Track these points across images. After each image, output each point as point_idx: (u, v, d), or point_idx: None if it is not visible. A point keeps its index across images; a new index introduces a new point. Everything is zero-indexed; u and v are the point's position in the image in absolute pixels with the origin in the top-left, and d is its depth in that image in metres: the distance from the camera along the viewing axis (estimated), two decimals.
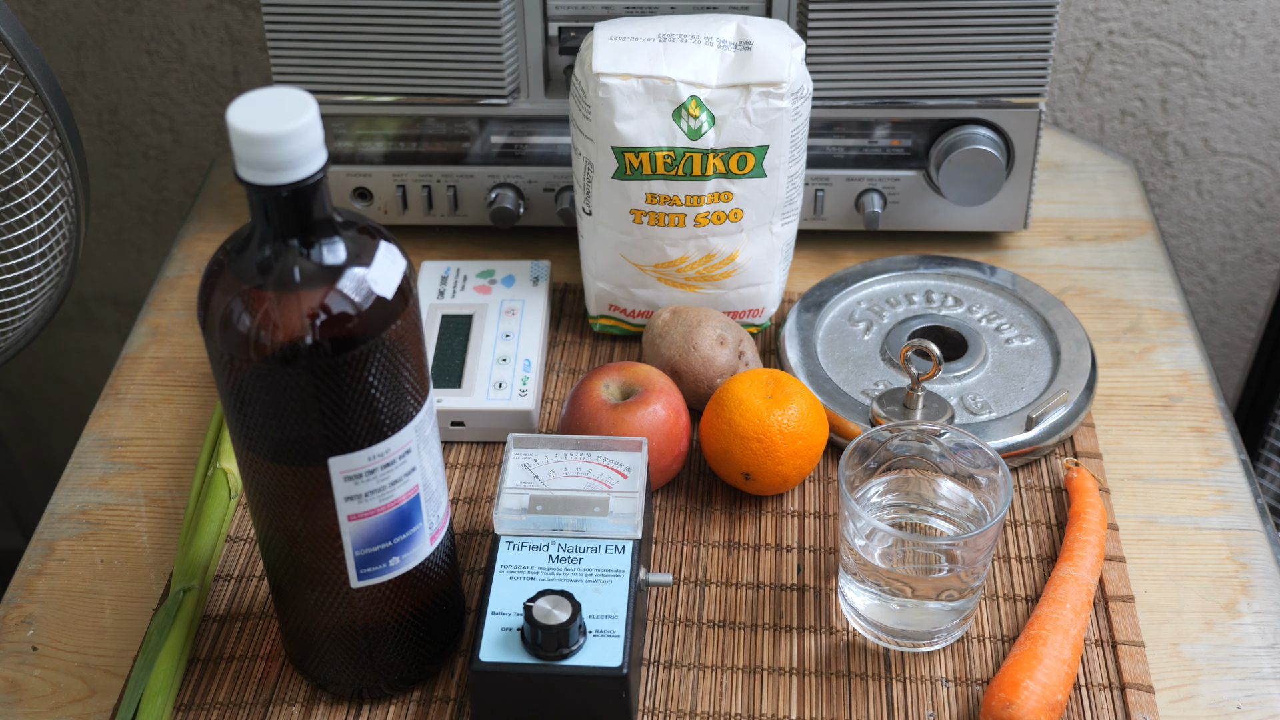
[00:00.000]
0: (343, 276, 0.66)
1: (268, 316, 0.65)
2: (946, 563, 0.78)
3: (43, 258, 0.99)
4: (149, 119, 1.40)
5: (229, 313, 0.65)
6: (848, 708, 0.78)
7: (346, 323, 0.65)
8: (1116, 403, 0.97)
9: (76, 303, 1.54)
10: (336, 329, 0.65)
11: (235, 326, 0.65)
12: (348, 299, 0.65)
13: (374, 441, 0.69)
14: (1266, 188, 1.36)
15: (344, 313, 0.65)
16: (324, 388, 0.66)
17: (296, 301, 0.65)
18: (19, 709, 0.80)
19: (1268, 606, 0.84)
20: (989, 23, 0.99)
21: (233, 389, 0.67)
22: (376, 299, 0.66)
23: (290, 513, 0.71)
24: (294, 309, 0.65)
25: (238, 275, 0.66)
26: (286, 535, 0.72)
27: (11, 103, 0.92)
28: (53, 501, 0.93)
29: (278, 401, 0.66)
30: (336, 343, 0.65)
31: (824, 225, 1.09)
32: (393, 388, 0.68)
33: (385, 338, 0.66)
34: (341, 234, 0.66)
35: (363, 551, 0.72)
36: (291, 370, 0.65)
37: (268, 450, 0.68)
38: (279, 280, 0.65)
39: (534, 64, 1.03)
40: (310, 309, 0.65)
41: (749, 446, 0.86)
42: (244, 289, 0.65)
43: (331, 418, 0.67)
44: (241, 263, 0.66)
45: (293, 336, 0.65)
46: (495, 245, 1.11)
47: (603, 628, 0.75)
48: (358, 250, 0.66)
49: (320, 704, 0.79)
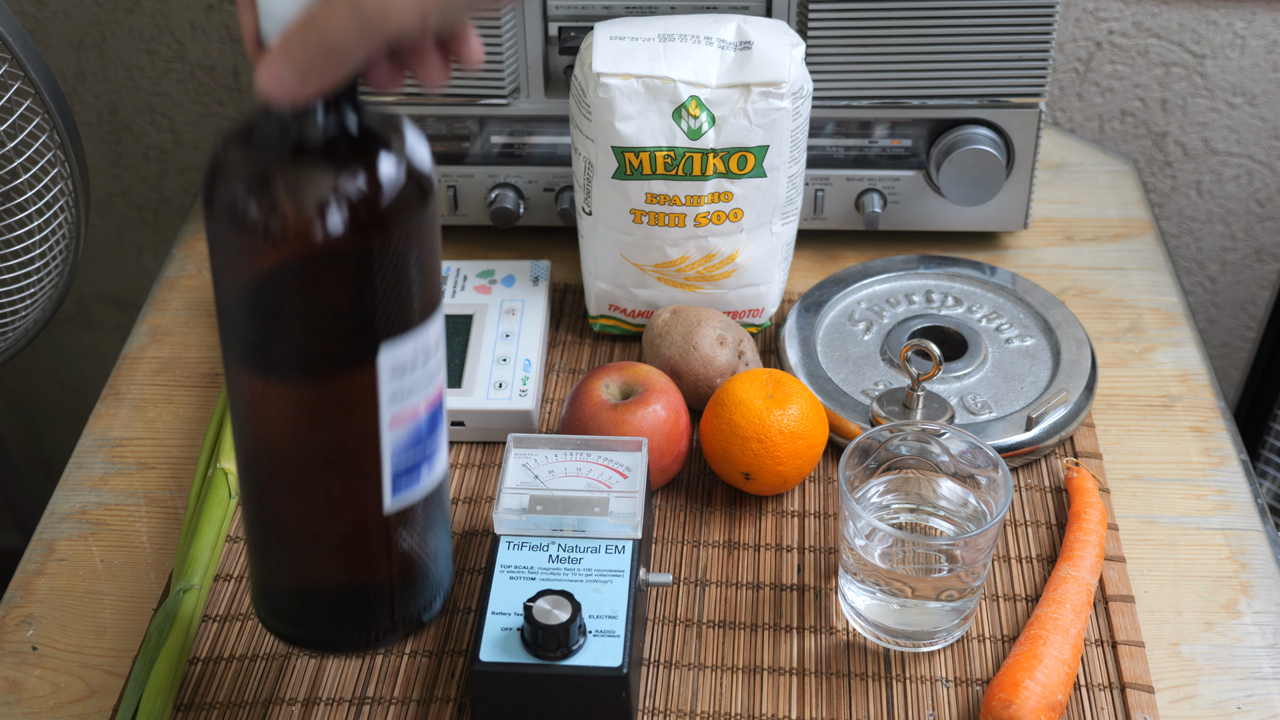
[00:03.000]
0: (393, 136, 0.60)
1: (325, 181, 0.58)
2: (946, 563, 0.78)
3: (43, 258, 0.99)
4: (149, 119, 1.40)
5: (266, 189, 0.58)
6: (848, 708, 0.78)
7: (405, 184, 0.60)
8: (1116, 403, 0.97)
9: (76, 303, 1.54)
10: (397, 192, 0.59)
11: (288, 200, 0.58)
12: (403, 157, 0.60)
13: (425, 319, 0.63)
14: (1266, 188, 1.36)
15: (400, 173, 0.60)
16: (383, 260, 0.59)
17: (356, 162, 0.59)
18: (19, 709, 0.80)
19: (1268, 606, 0.84)
20: (989, 23, 0.99)
21: (262, 293, 0.59)
22: (421, 162, 0.61)
23: (314, 435, 0.63)
24: (353, 171, 0.59)
25: (269, 148, 0.59)
26: (304, 465, 0.65)
27: (11, 103, 0.92)
28: (53, 501, 0.93)
29: (327, 288, 0.60)
30: (395, 208, 0.59)
31: (824, 225, 1.09)
32: (435, 259, 0.62)
33: (431, 204, 0.61)
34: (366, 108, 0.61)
35: (400, 464, 0.65)
36: (354, 241, 0.59)
37: (300, 361, 0.61)
38: (327, 145, 0.59)
39: (534, 64, 1.03)
40: (370, 168, 0.59)
41: (749, 446, 0.86)
42: (286, 159, 0.59)
43: (389, 293, 0.60)
44: (269, 135, 0.59)
45: (356, 201, 0.58)
46: (495, 245, 1.11)
47: (603, 628, 0.75)
48: (389, 121, 0.62)
49: (320, 704, 0.79)
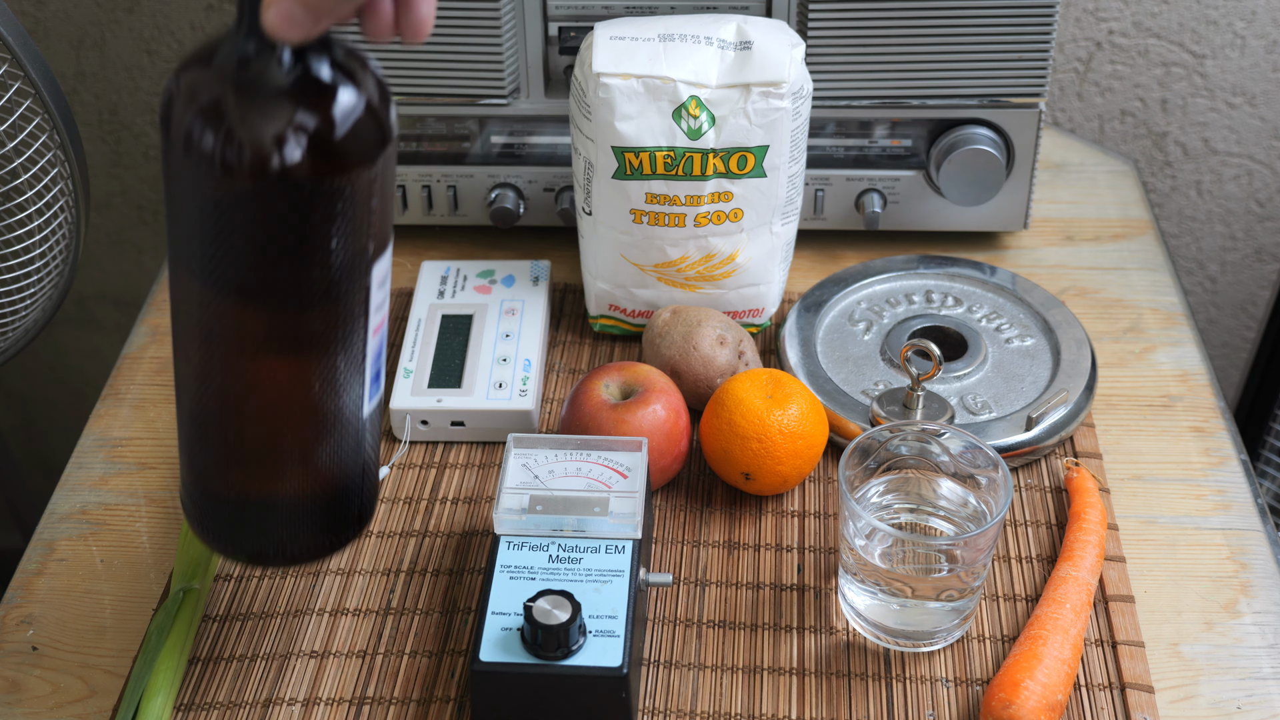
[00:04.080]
0: (369, 71, 0.62)
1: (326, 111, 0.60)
2: (946, 563, 0.78)
3: (43, 258, 0.99)
4: (149, 119, 1.40)
5: (275, 125, 0.59)
6: (848, 708, 0.78)
7: (386, 114, 0.62)
8: (1116, 403, 0.97)
9: (76, 303, 1.54)
10: (381, 119, 0.61)
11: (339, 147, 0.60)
12: (382, 89, 0.62)
13: (389, 242, 0.66)
14: (1266, 188, 1.36)
15: (384, 104, 0.62)
16: (382, 184, 0.62)
17: (353, 96, 0.60)
18: (19, 709, 0.80)
19: (1268, 606, 0.84)
20: (989, 23, 0.99)
21: (288, 226, 0.61)
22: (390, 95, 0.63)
23: (315, 358, 0.66)
24: (364, 116, 0.60)
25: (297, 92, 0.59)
26: (305, 387, 0.67)
27: (11, 103, 0.92)
28: (53, 501, 0.93)
29: (357, 213, 0.62)
30: (384, 132, 0.62)
31: (824, 225, 1.09)
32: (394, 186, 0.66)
33: (393, 143, 0.63)
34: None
35: (374, 371, 0.68)
36: (373, 165, 0.61)
37: (310, 289, 0.63)
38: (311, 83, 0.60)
39: (534, 64, 1.03)
40: (367, 95, 0.61)
41: (749, 446, 0.86)
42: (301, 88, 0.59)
43: (382, 220, 0.63)
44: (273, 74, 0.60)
45: (371, 139, 0.61)
46: (495, 245, 1.11)
47: (603, 628, 0.75)
48: (354, 57, 0.62)
49: (320, 704, 0.79)
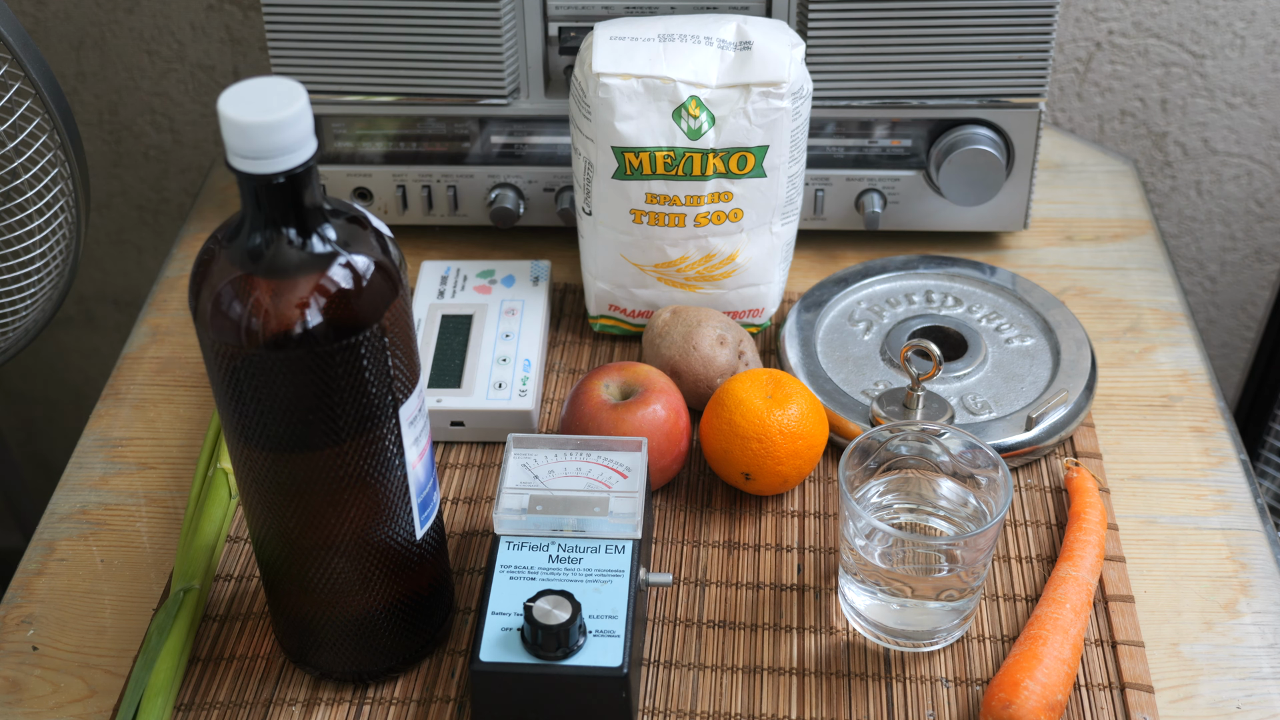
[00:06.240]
0: (370, 228, 0.69)
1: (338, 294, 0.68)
2: (946, 563, 0.78)
3: (43, 258, 0.99)
4: (149, 119, 1.40)
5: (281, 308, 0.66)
6: (848, 708, 0.78)
7: (394, 268, 0.70)
8: (1116, 403, 0.97)
9: (76, 303, 1.54)
10: (390, 272, 0.69)
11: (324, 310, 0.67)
12: (384, 246, 0.70)
13: (416, 381, 0.73)
14: (1266, 188, 1.36)
15: (388, 261, 0.69)
16: (400, 338, 0.70)
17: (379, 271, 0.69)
18: (19, 709, 0.80)
19: (1267, 606, 0.84)
20: (989, 23, 0.99)
21: (341, 374, 0.68)
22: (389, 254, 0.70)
23: (358, 489, 0.72)
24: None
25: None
26: (353, 516, 0.73)
27: (11, 103, 0.92)
28: (53, 501, 0.93)
29: (384, 367, 0.69)
30: (393, 283, 0.70)
31: (824, 225, 1.09)
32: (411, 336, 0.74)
33: (401, 302, 0.71)
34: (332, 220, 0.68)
35: (421, 496, 0.76)
36: (381, 331, 0.69)
37: (346, 426, 0.69)
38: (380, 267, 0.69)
39: (534, 64, 1.03)
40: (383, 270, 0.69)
41: (749, 446, 0.86)
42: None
43: (406, 360, 0.71)
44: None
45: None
46: (495, 245, 1.11)
47: (603, 628, 0.75)
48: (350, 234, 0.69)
49: (320, 704, 0.79)
